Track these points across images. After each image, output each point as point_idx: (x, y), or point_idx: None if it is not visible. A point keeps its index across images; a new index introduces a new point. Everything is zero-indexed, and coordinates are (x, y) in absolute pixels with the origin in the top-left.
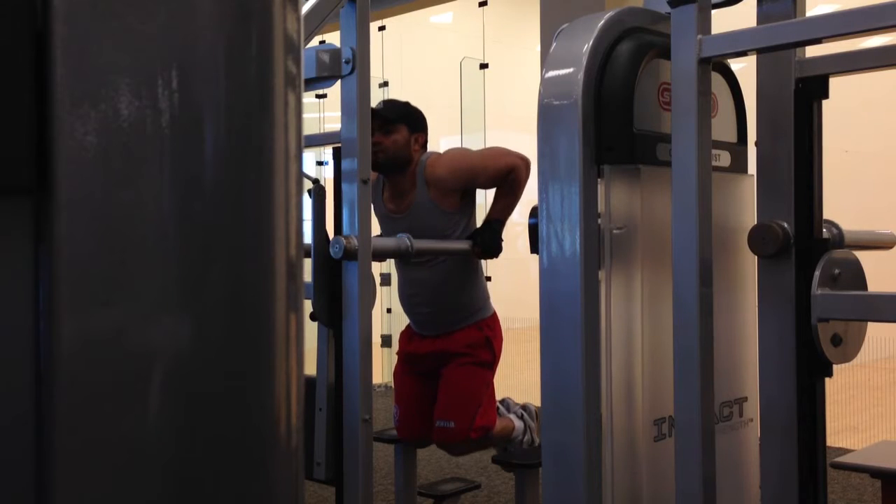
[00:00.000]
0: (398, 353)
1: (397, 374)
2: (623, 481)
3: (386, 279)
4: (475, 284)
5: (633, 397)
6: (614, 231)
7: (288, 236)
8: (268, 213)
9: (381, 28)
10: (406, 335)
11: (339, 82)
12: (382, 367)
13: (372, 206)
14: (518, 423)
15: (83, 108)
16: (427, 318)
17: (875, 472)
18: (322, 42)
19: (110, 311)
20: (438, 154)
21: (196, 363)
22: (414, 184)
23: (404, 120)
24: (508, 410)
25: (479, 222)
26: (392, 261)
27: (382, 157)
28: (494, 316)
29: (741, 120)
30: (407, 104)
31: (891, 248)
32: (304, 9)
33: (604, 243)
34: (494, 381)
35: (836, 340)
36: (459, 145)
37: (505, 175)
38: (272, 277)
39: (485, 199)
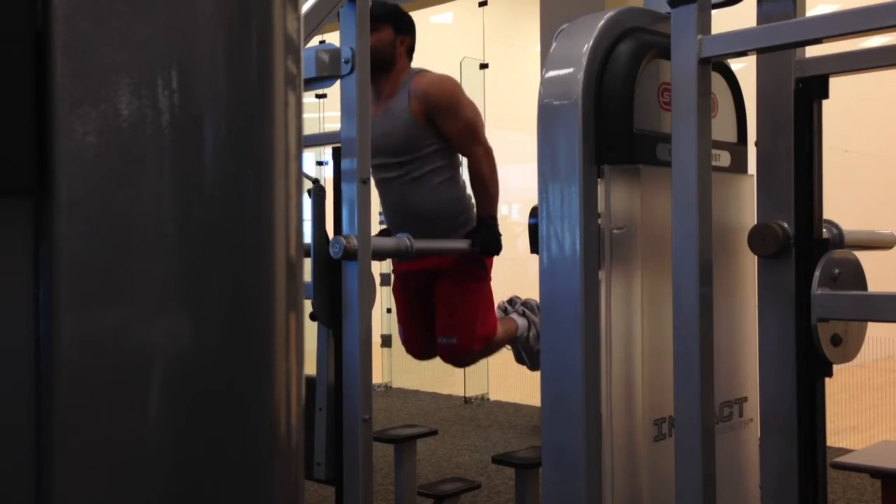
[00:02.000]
0: (393, 272)
1: (396, 292)
2: (623, 481)
3: (386, 279)
4: (457, 197)
5: (633, 397)
6: (614, 231)
7: (288, 236)
8: (268, 213)
9: None
10: None
11: (338, 82)
12: (382, 367)
13: None
14: (521, 321)
15: (83, 108)
16: (409, 230)
17: (875, 472)
18: (322, 42)
19: (110, 311)
20: (431, 73)
21: (196, 363)
22: (395, 89)
23: (390, 20)
24: (513, 308)
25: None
26: (374, 188)
27: None
28: None
29: (741, 120)
30: (395, 5)
31: (891, 248)
32: (304, 9)
33: (604, 243)
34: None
35: (836, 340)
36: None
37: (465, 145)
38: (272, 277)
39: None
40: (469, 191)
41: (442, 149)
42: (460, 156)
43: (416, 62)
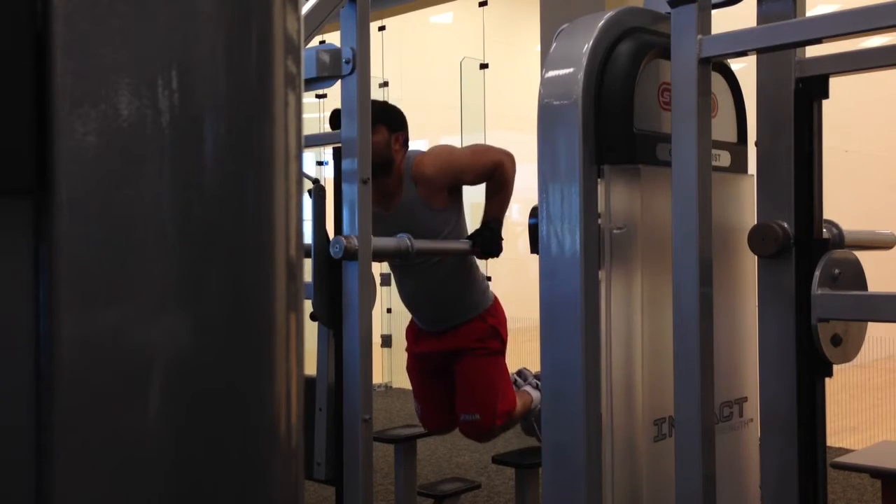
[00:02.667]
0: (407, 351)
1: (411, 371)
2: (623, 481)
3: (386, 279)
4: (472, 278)
5: (633, 397)
6: (614, 231)
7: (288, 236)
8: (268, 213)
9: (381, 28)
10: (412, 333)
11: (339, 82)
12: (382, 367)
13: None
14: (535, 394)
15: (83, 108)
16: (430, 316)
17: (875, 472)
18: (322, 42)
19: (110, 311)
20: (423, 152)
21: (196, 363)
22: (400, 184)
23: (383, 121)
24: (525, 381)
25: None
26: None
27: None
28: (496, 302)
29: (741, 120)
30: (384, 104)
31: (891, 248)
32: (304, 9)
33: (604, 243)
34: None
35: (836, 340)
36: (459, 145)
37: (490, 172)
38: (272, 277)
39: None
40: (483, 275)
41: (456, 231)
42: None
43: (416, 62)
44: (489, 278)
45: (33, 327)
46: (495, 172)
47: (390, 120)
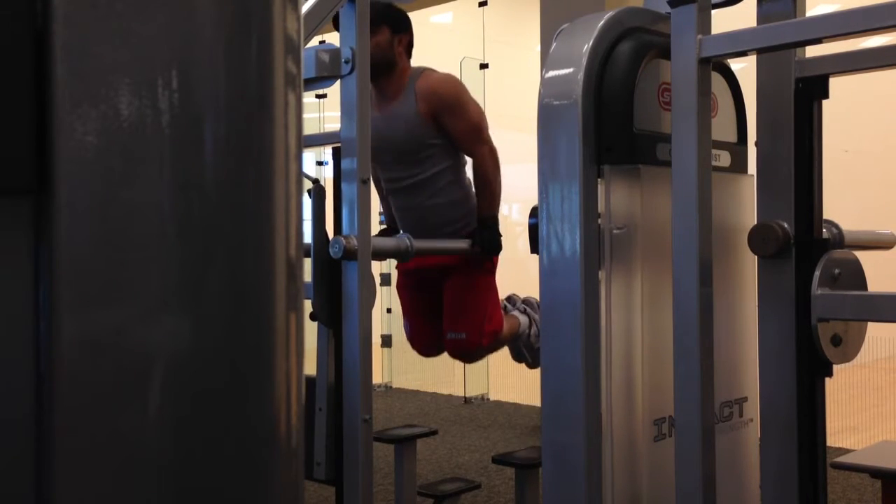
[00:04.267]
0: (397, 268)
1: (400, 287)
2: (623, 481)
3: (386, 279)
4: (462, 196)
5: (633, 397)
6: (614, 231)
7: (288, 236)
8: (268, 213)
9: None
10: None
11: (338, 82)
12: (382, 367)
13: None
14: (523, 318)
15: (83, 108)
16: (419, 232)
17: (875, 472)
18: (322, 42)
19: (110, 311)
20: (435, 71)
21: (196, 363)
22: (400, 90)
23: (386, 21)
24: (514, 306)
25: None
26: (380, 204)
27: None
28: None
29: (741, 120)
30: (389, 4)
31: (891, 248)
32: (304, 9)
33: (604, 243)
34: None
35: (836, 340)
36: None
37: (468, 145)
38: (272, 277)
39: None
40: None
41: (447, 149)
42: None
43: (416, 62)
44: None
45: (33, 327)
46: (474, 159)
47: (394, 20)
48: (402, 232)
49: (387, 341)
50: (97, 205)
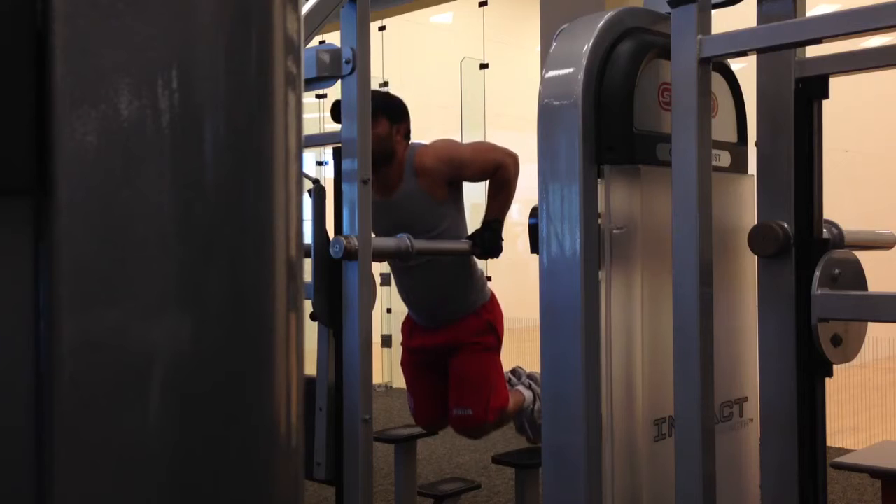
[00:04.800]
0: (402, 345)
1: (405, 365)
2: (623, 481)
3: (386, 279)
4: (470, 275)
5: (633, 397)
6: (614, 231)
7: (288, 236)
8: (268, 213)
9: (382, 28)
10: (407, 328)
11: (339, 82)
12: (382, 367)
13: None
14: (527, 393)
15: (83, 108)
16: (427, 312)
17: (875, 472)
18: (322, 42)
19: (110, 311)
20: (427, 144)
21: (196, 363)
22: (401, 175)
23: (384, 112)
24: (519, 380)
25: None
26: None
27: None
28: (493, 299)
29: (741, 120)
30: (386, 94)
31: (891, 248)
32: (304, 9)
33: (604, 243)
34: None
35: (836, 340)
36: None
37: (492, 171)
38: (272, 277)
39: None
40: (481, 272)
41: (454, 225)
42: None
43: (416, 62)
44: (489, 278)
45: (33, 327)
46: (497, 172)
47: (392, 111)
48: (415, 317)
49: (387, 341)
50: (97, 205)
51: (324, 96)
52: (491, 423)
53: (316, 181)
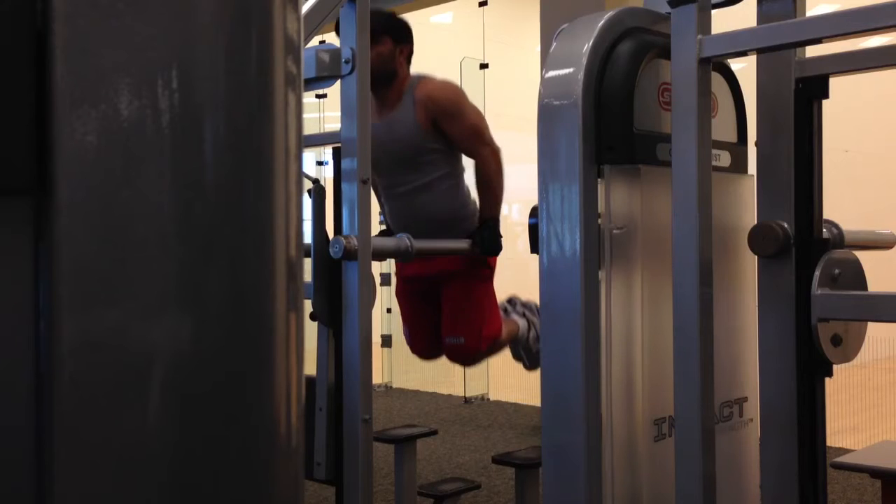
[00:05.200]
0: (396, 275)
1: (399, 294)
2: (623, 481)
3: (386, 279)
4: (461, 202)
5: (633, 397)
6: (614, 231)
7: (288, 236)
8: (268, 213)
9: None
10: None
11: (339, 82)
12: (382, 367)
13: None
14: (522, 322)
15: (83, 108)
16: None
17: (875, 472)
18: (322, 42)
19: (110, 311)
20: (434, 78)
21: (196, 363)
22: (400, 98)
23: (388, 31)
24: (514, 308)
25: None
26: (375, 200)
27: None
28: None
29: (741, 120)
30: (391, 15)
31: (891, 248)
32: (304, 9)
33: (604, 243)
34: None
35: (836, 340)
36: None
37: (468, 147)
38: (272, 277)
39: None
40: (474, 195)
41: (446, 155)
42: (465, 160)
43: (416, 62)
44: None
45: (33, 327)
46: (476, 158)
47: (396, 31)
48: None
49: (387, 341)
50: (97, 205)
51: (324, 96)
52: (483, 351)
53: (316, 181)
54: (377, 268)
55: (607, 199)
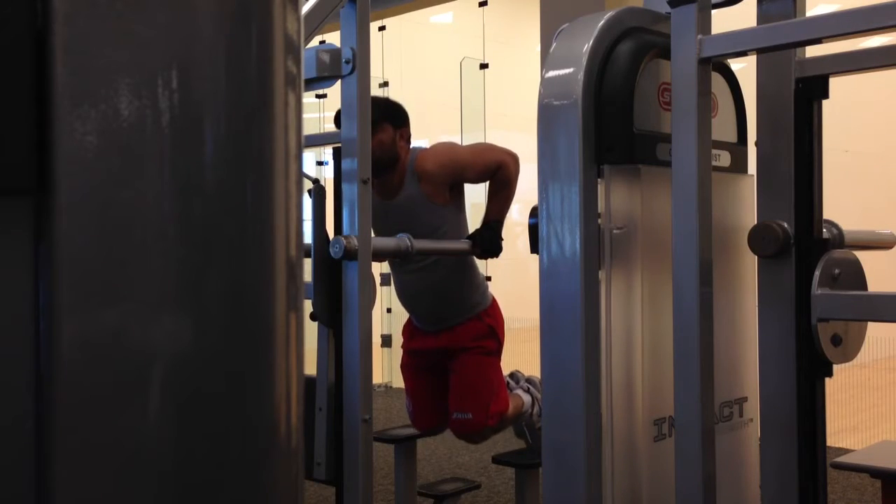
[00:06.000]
0: (403, 348)
1: (405, 368)
2: (623, 481)
3: (386, 279)
4: (472, 279)
5: (633, 397)
6: (614, 231)
7: (288, 236)
8: (268, 213)
9: (381, 28)
10: (408, 330)
11: (339, 82)
12: (382, 367)
13: None
14: (526, 398)
15: (83, 108)
16: (427, 315)
17: (875, 472)
18: (322, 42)
19: (110, 311)
20: (426, 148)
21: (196, 363)
22: (403, 179)
23: (388, 118)
24: (518, 384)
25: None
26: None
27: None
28: (494, 303)
29: (741, 120)
30: (387, 100)
31: (891, 248)
32: (304, 9)
33: (604, 243)
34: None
35: (836, 340)
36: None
37: (493, 171)
38: (272, 277)
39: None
40: (482, 275)
41: (455, 227)
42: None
43: (416, 62)
44: (489, 278)
45: (33, 327)
46: (498, 172)
47: (395, 117)
48: (416, 320)
49: (387, 341)
50: (97, 205)
51: (324, 96)
52: (491, 427)
53: (316, 181)
54: (377, 268)
55: (607, 199)
